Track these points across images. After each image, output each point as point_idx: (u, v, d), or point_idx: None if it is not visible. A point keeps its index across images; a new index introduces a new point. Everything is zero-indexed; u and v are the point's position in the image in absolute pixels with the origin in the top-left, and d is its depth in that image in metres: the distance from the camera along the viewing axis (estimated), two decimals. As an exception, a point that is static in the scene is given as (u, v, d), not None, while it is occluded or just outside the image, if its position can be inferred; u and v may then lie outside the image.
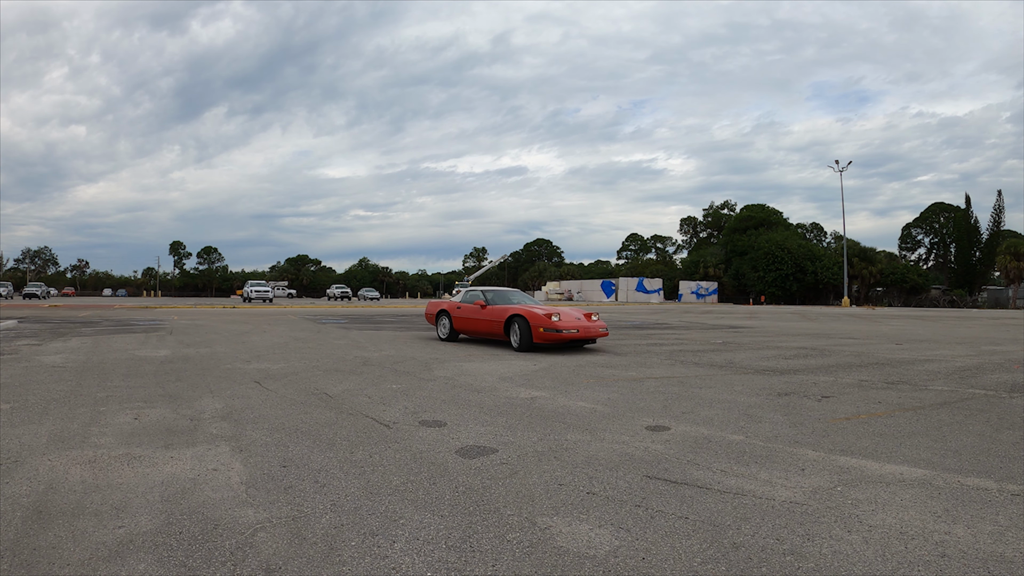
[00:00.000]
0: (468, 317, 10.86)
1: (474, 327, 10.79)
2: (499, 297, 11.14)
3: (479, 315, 10.58)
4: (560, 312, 9.74)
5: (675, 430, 4.24)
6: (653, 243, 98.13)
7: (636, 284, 64.13)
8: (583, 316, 9.93)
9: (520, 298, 11.33)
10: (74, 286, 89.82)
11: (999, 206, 61.87)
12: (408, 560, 2.22)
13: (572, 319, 9.58)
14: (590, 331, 9.56)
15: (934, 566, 2.18)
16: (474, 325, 10.76)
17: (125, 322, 16.28)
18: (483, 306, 10.59)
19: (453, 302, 11.52)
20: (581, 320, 9.66)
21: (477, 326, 10.69)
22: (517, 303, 10.81)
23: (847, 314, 29.68)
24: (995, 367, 7.99)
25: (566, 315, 9.71)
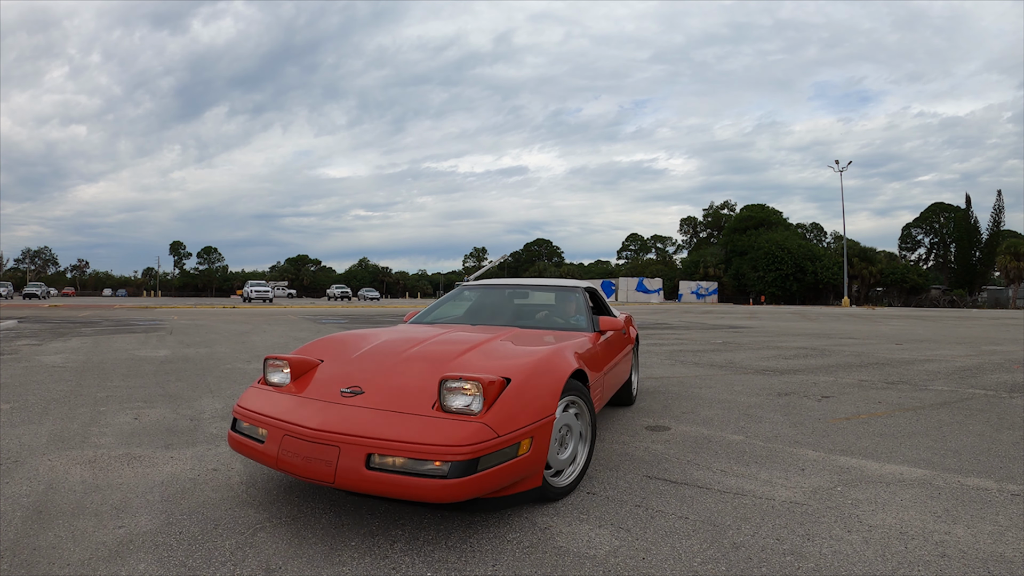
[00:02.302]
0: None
1: None
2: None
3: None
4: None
5: (675, 430, 4.24)
6: (653, 243, 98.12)
7: (636, 284, 64.11)
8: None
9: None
10: (74, 286, 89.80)
11: (999, 206, 61.92)
12: (408, 560, 2.22)
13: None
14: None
15: (934, 566, 2.18)
16: None
17: (125, 322, 16.28)
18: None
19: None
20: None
21: None
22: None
23: (847, 314, 29.67)
24: (995, 367, 7.99)
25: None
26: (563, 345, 3.24)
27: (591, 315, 4.18)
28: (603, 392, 3.73)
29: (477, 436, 2.28)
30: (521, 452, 2.41)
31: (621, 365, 4.44)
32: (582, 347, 3.46)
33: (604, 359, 3.85)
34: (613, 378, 4.13)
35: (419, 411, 2.44)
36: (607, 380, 3.89)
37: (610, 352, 4.09)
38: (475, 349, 3.06)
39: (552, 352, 3.01)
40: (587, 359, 3.37)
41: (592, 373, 3.35)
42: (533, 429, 2.47)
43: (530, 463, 2.47)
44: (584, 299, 4.38)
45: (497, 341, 3.28)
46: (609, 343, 4.12)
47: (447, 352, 3.03)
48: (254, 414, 2.70)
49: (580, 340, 3.58)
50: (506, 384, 2.55)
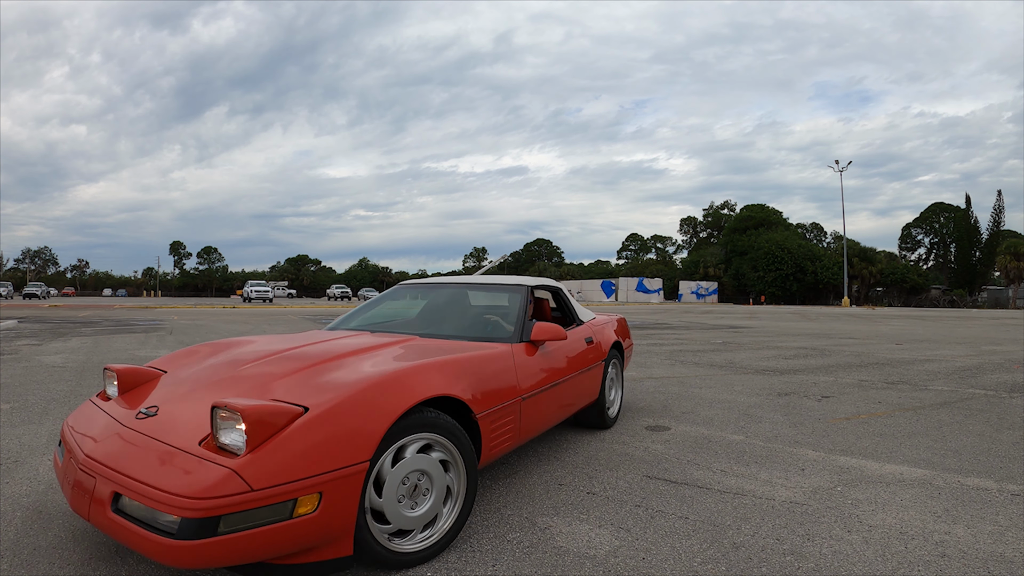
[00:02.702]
0: None
1: None
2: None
3: None
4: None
5: (675, 430, 4.24)
6: (653, 243, 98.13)
7: (636, 284, 64.11)
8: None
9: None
10: (74, 286, 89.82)
11: (999, 206, 61.92)
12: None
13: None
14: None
15: (934, 566, 2.18)
16: None
17: (125, 322, 16.28)
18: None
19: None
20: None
21: None
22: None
23: (847, 314, 29.68)
24: (995, 367, 7.99)
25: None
26: (427, 363, 2.42)
27: (524, 322, 3.30)
28: (520, 425, 2.86)
29: (220, 487, 1.70)
30: (301, 512, 1.79)
31: (574, 384, 3.58)
32: (483, 363, 2.69)
33: (531, 378, 3.00)
34: (554, 403, 3.27)
35: (183, 445, 1.91)
36: (538, 406, 3.05)
37: (549, 369, 3.23)
38: (318, 367, 2.41)
39: (397, 373, 2.23)
40: (484, 380, 2.61)
41: (491, 400, 2.58)
42: (324, 481, 1.82)
43: (318, 528, 1.82)
44: (522, 302, 3.50)
45: (362, 355, 2.60)
46: (550, 357, 3.29)
47: (280, 370, 2.42)
48: (67, 430, 2.34)
49: (484, 354, 2.79)
50: (302, 415, 1.93)
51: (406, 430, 2.12)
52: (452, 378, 2.42)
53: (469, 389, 2.47)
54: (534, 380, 3.03)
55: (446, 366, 2.48)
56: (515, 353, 3.00)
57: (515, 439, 2.85)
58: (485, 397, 2.56)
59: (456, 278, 4.17)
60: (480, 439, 2.51)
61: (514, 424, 2.80)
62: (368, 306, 4.11)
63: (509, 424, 2.75)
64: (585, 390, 3.80)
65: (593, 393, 3.97)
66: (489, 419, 2.56)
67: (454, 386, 2.39)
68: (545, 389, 3.14)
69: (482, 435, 2.51)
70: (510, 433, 2.77)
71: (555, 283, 4.20)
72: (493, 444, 2.62)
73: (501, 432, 2.68)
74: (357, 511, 1.92)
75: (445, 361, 2.52)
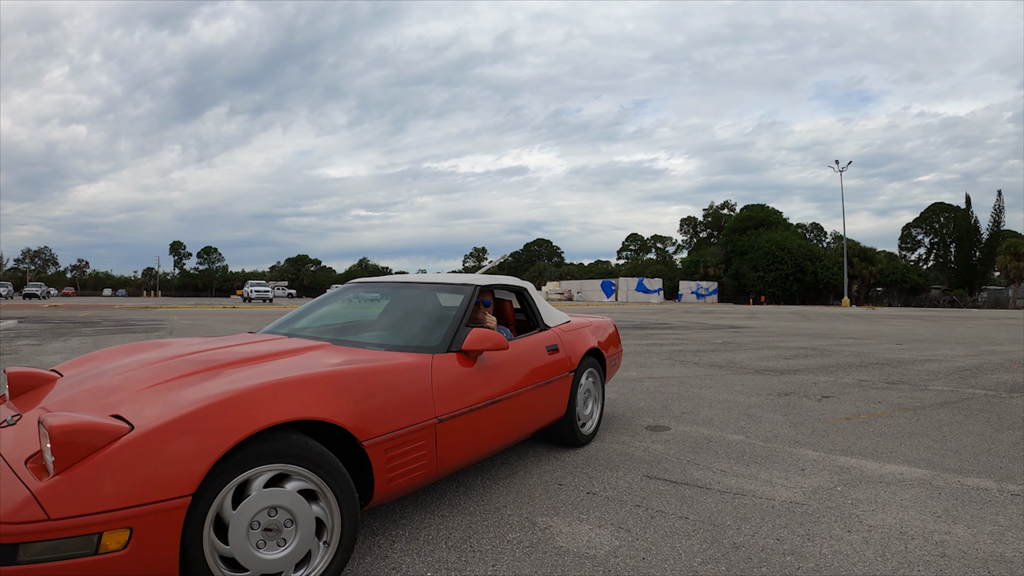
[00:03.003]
0: None
1: None
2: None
3: None
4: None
5: (675, 430, 4.24)
6: (653, 243, 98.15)
7: (636, 284, 64.13)
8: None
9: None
10: (74, 286, 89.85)
11: (999, 206, 61.90)
12: (408, 560, 2.23)
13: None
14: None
15: (934, 566, 2.18)
16: None
17: (125, 322, 16.28)
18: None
19: None
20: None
21: None
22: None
23: (847, 314, 29.68)
24: (995, 367, 7.99)
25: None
26: (293, 379, 2.05)
27: (458, 328, 2.86)
28: (438, 452, 2.44)
29: (18, 513, 1.50)
30: (109, 549, 1.55)
31: (529, 400, 3.14)
32: (380, 378, 2.30)
33: (459, 396, 2.59)
34: (496, 422, 2.84)
35: (13, 460, 1.73)
36: (470, 428, 2.63)
37: (489, 383, 2.81)
38: (187, 378, 2.16)
39: (246, 392, 1.89)
40: (380, 399, 2.23)
41: (389, 423, 2.21)
42: (135, 516, 1.57)
43: (130, 568, 1.58)
44: (461, 305, 3.08)
45: (245, 366, 2.31)
46: (491, 369, 2.85)
47: (151, 379, 2.20)
48: None
49: (384, 366, 2.40)
50: (125, 435, 1.67)
51: (251, 460, 1.78)
52: (327, 397, 2.06)
53: (354, 410, 2.10)
54: (464, 397, 2.61)
55: (325, 382, 2.11)
56: (436, 366, 2.58)
57: (431, 469, 2.43)
58: (379, 420, 2.18)
59: (405, 277, 3.72)
60: (372, 471, 2.13)
61: (427, 451, 2.38)
62: (312, 306, 3.70)
63: (419, 451, 2.34)
64: (546, 405, 3.35)
65: (558, 408, 3.51)
66: (384, 446, 2.17)
67: (328, 406, 2.03)
68: (480, 407, 2.70)
69: (374, 466, 2.12)
70: (422, 462, 2.36)
71: (519, 282, 3.79)
72: (394, 476, 2.22)
73: (406, 462, 2.28)
74: (176, 553, 1.63)
75: (325, 376, 2.15)
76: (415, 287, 3.51)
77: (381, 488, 2.20)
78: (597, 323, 4.40)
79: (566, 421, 3.64)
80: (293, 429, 1.94)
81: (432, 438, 2.41)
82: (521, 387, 3.07)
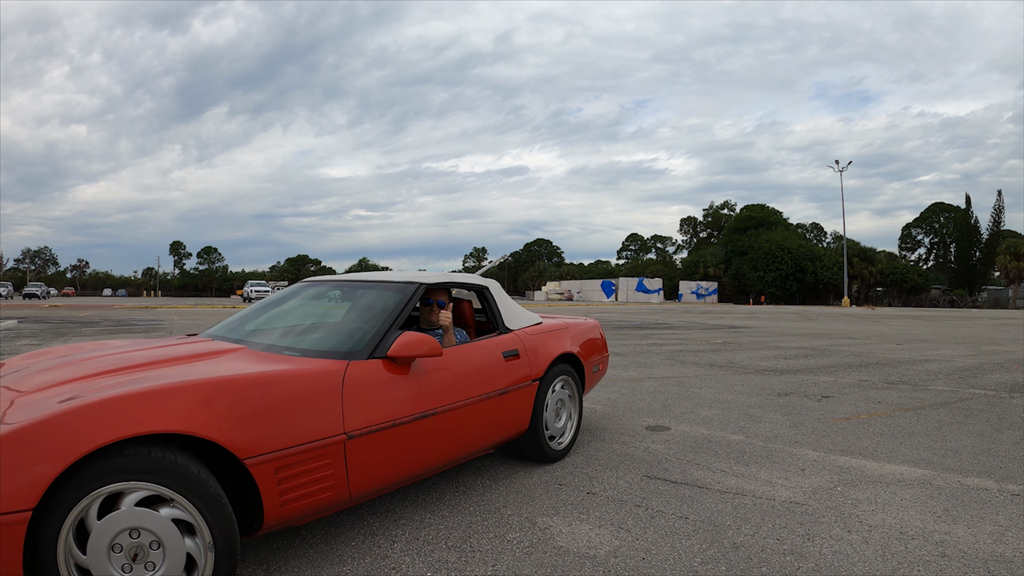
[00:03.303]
0: None
1: None
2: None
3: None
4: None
5: (675, 430, 4.24)
6: (653, 243, 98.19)
7: (636, 284, 64.14)
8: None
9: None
10: (74, 286, 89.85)
11: (999, 206, 61.93)
12: (408, 560, 2.23)
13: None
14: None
15: (934, 566, 2.18)
16: None
17: (125, 322, 16.28)
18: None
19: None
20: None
21: None
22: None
23: (847, 314, 29.68)
24: (995, 367, 7.99)
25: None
26: (165, 387, 1.82)
27: (386, 332, 2.56)
28: (349, 473, 2.17)
29: None
30: None
31: (477, 413, 2.82)
32: (272, 387, 2.04)
33: (379, 408, 2.32)
34: (430, 439, 2.54)
35: None
36: (394, 445, 2.35)
37: (422, 394, 2.51)
38: (76, 383, 2.02)
39: (106, 400, 1.70)
40: (271, 412, 1.98)
41: (280, 439, 1.96)
42: None
43: None
44: (395, 305, 2.76)
45: (137, 371, 2.14)
46: (426, 378, 2.56)
47: (50, 381, 2.08)
48: None
49: (279, 373, 2.14)
50: None
51: (104, 475, 1.61)
52: (201, 408, 1.81)
53: (234, 423, 1.85)
54: (386, 410, 2.34)
55: (199, 390, 1.86)
56: (352, 374, 2.29)
57: (341, 492, 2.15)
58: (267, 435, 1.93)
59: (358, 275, 3.42)
60: (259, 493, 1.89)
61: (334, 472, 2.11)
62: (263, 306, 3.39)
63: (323, 472, 2.07)
64: (501, 418, 3.02)
65: (518, 421, 3.16)
66: (273, 465, 1.92)
67: (199, 418, 1.78)
68: (408, 421, 2.41)
69: (260, 487, 1.88)
70: (327, 483, 2.09)
71: (480, 281, 3.46)
72: (289, 499, 1.97)
73: (305, 483, 2.02)
74: (21, 567, 1.51)
75: (200, 384, 1.89)
76: (359, 286, 3.22)
77: (273, 513, 1.94)
78: (576, 325, 3.99)
79: (530, 435, 3.29)
80: (159, 443, 1.72)
81: (340, 457, 2.13)
82: (466, 398, 2.75)
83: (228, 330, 3.09)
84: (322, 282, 3.48)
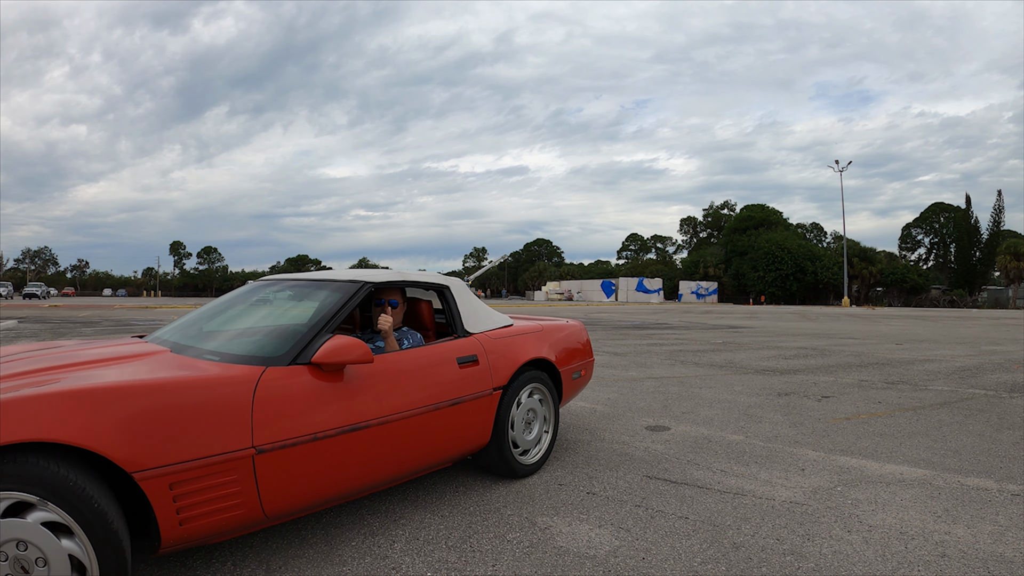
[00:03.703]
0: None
1: None
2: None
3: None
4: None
5: (675, 430, 4.24)
6: (653, 243, 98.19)
7: (636, 284, 64.14)
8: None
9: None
10: (74, 286, 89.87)
11: (999, 206, 61.97)
12: (408, 560, 2.23)
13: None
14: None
15: (934, 566, 2.18)
16: None
17: (125, 322, 16.28)
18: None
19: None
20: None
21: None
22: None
23: (847, 314, 29.68)
24: (995, 367, 7.99)
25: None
26: (42, 394, 1.68)
27: (315, 335, 2.34)
28: (260, 491, 1.99)
29: None
30: None
31: (422, 425, 2.56)
32: (171, 395, 1.88)
33: (297, 419, 2.10)
34: (362, 454, 2.31)
35: None
36: (313, 460, 2.13)
37: (353, 404, 2.29)
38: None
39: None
40: (167, 422, 1.81)
41: (178, 452, 1.80)
42: None
43: None
44: (333, 306, 2.55)
45: (39, 375, 2.01)
46: (360, 386, 2.34)
47: None
48: None
49: (180, 381, 1.98)
50: None
51: None
52: (85, 416, 1.66)
53: (121, 433, 1.70)
54: (308, 422, 2.12)
55: (83, 397, 1.70)
56: (267, 382, 2.09)
57: (252, 510, 1.98)
58: (161, 447, 1.77)
59: (306, 274, 3.21)
60: (152, 509, 1.75)
61: (242, 488, 1.94)
62: (216, 307, 3.17)
63: (229, 488, 1.91)
64: (454, 431, 2.75)
65: (477, 435, 2.89)
66: (168, 480, 1.77)
67: (80, 427, 1.63)
68: (335, 434, 2.19)
69: (153, 503, 1.74)
70: (234, 502, 1.92)
71: (441, 280, 3.20)
72: (188, 517, 1.82)
73: (207, 500, 1.86)
74: None
75: (84, 391, 1.72)
76: (308, 286, 3.00)
77: (170, 532, 1.79)
78: (553, 328, 3.68)
79: (492, 449, 3.01)
80: (37, 452, 1.60)
81: (248, 473, 1.95)
82: (406, 409, 2.49)
83: (172, 331, 2.89)
84: (275, 281, 3.23)
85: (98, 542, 1.64)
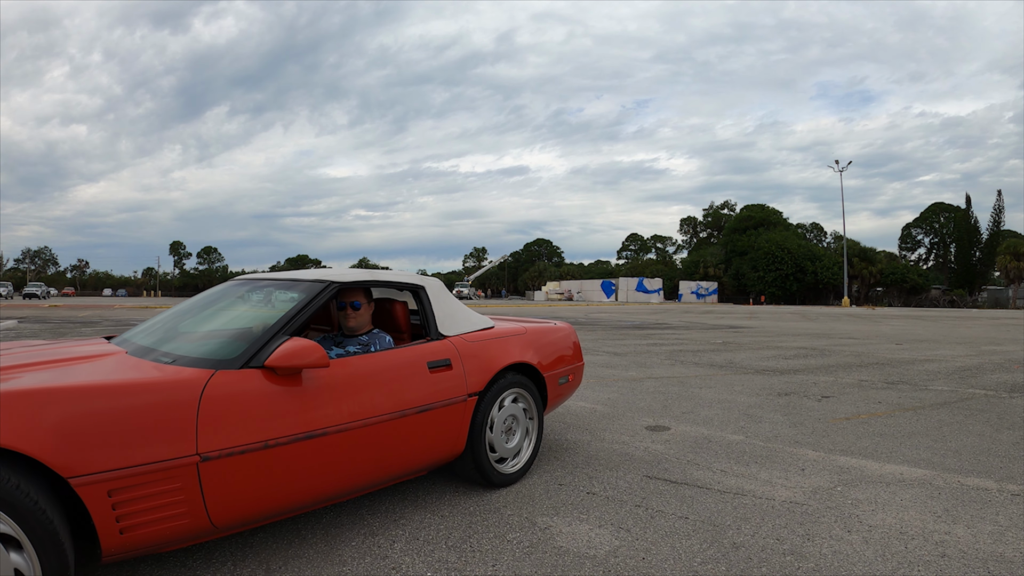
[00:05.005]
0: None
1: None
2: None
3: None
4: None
5: (675, 430, 4.24)
6: (653, 243, 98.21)
7: (636, 284, 64.13)
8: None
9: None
10: (74, 286, 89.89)
11: (999, 206, 62.00)
12: (408, 560, 2.23)
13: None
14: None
15: (934, 566, 2.18)
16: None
17: (125, 322, 16.28)
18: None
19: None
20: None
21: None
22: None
23: (847, 314, 29.68)
24: (995, 367, 7.99)
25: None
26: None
27: (270, 337, 2.25)
28: (206, 501, 1.91)
29: None
30: None
31: (387, 433, 2.44)
32: (109, 398, 1.80)
33: (247, 425, 2.01)
34: (317, 463, 2.19)
35: None
36: (262, 470, 2.03)
37: (303, 410, 2.17)
38: None
39: None
40: (106, 426, 1.74)
41: (115, 458, 1.72)
42: None
43: None
44: (295, 306, 2.45)
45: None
46: (314, 392, 2.22)
47: None
48: None
49: (144, 381, 1.95)
50: None
51: None
52: (23, 419, 1.62)
53: (59, 438, 1.65)
54: (258, 429, 2.03)
55: (19, 400, 1.66)
56: (215, 386, 2.00)
57: (198, 520, 1.90)
58: (98, 452, 1.70)
59: (278, 274, 3.10)
60: (90, 516, 1.69)
61: (186, 497, 1.86)
62: (189, 306, 3.05)
63: (171, 497, 1.83)
64: (423, 440, 2.62)
65: (450, 443, 2.76)
66: (106, 487, 1.70)
67: (17, 431, 1.59)
68: (287, 442, 2.09)
69: (91, 511, 1.68)
70: (178, 510, 1.85)
71: (416, 279, 3.06)
72: (129, 526, 1.76)
73: (148, 508, 1.79)
74: None
75: (21, 393, 1.68)
76: (276, 285, 2.90)
77: (110, 540, 1.73)
78: (538, 331, 3.50)
79: (468, 459, 2.88)
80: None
81: (193, 481, 1.87)
82: (368, 416, 2.36)
83: (139, 332, 2.79)
84: (250, 281, 3.12)
85: (45, 555, 1.59)
